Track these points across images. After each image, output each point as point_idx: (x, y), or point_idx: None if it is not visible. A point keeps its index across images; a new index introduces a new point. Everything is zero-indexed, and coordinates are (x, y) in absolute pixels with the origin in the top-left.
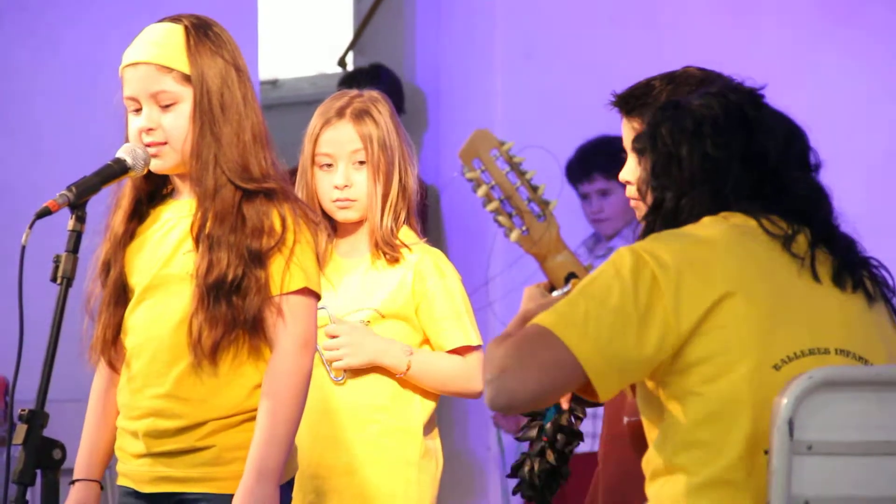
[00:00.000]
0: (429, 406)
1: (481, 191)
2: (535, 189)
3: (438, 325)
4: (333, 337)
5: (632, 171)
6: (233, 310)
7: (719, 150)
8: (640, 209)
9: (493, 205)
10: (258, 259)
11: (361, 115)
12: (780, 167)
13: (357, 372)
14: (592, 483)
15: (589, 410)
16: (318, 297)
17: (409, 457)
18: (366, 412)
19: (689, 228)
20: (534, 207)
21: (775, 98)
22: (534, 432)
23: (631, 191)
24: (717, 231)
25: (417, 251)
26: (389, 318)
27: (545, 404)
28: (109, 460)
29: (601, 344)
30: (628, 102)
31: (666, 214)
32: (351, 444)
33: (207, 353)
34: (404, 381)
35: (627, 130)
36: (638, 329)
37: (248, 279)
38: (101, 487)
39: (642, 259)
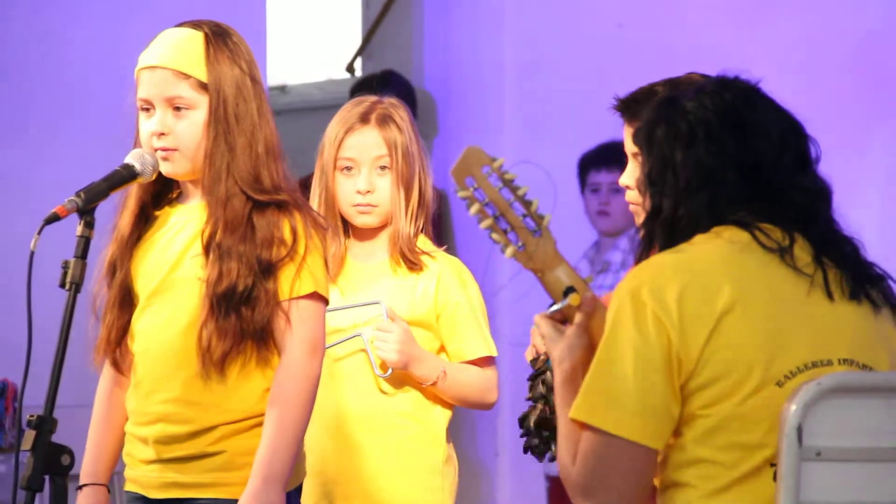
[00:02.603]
0: (448, 412)
1: (474, 209)
2: (528, 204)
3: (461, 335)
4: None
5: (632, 175)
6: (241, 321)
7: (713, 157)
8: (640, 215)
9: (487, 222)
10: (268, 270)
11: (386, 120)
12: (775, 171)
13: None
14: None
15: None
16: (326, 301)
17: (434, 463)
18: (390, 419)
19: (684, 248)
20: (529, 223)
21: (785, 99)
22: (538, 389)
23: (631, 195)
24: (712, 250)
25: (440, 260)
26: (410, 324)
27: (642, 498)
28: (116, 464)
29: (647, 413)
30: (630, 107)
31: (664, 223)
32: (375, 451)
33: (216, 363)
34: (425, 389)
35: (629, 135)
36: (664, 378)
37: (258, 290)
38: (108, 491)
39: (640, 302)
